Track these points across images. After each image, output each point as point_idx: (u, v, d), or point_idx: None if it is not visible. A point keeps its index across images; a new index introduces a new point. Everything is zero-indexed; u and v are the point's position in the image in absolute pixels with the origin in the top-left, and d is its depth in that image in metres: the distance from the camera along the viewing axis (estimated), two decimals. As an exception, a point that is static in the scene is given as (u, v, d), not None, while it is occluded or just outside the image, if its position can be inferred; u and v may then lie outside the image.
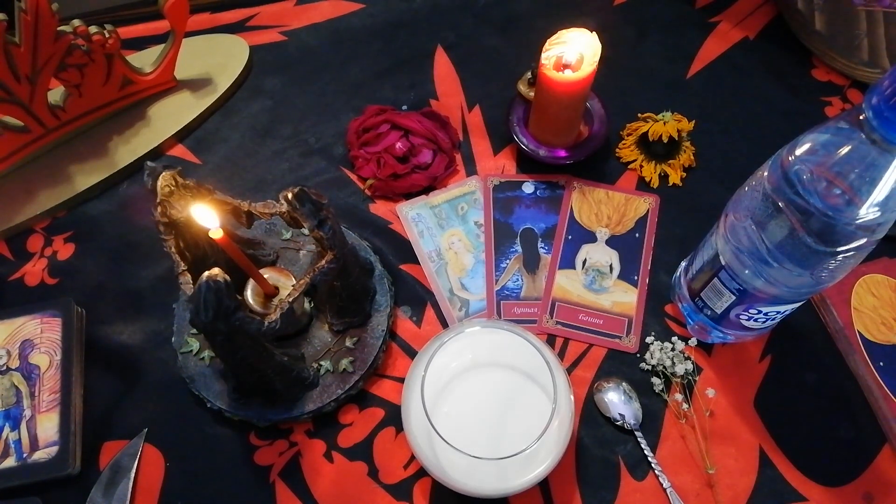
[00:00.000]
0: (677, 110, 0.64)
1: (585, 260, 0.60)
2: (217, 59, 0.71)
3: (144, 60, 0.66)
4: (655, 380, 0.53)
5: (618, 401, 0.53)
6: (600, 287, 0.59)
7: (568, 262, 0.60)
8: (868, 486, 0.50)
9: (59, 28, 0.56)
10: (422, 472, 0.51)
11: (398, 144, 0.62)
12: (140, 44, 0.73)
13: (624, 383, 0.54)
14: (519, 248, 0.61)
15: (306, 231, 0.46)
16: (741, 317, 0.49)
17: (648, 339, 0.55)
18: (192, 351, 0.54)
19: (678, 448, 0.52)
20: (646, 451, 0.51)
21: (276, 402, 0.52)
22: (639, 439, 0.52)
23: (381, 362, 0.55)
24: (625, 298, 0.58)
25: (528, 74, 0.65)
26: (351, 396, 0.53)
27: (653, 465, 0.51)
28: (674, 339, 0.55)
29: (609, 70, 0.61)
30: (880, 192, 0.36)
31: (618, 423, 0.53)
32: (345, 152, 0.66)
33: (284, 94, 0.70)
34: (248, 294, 0.50)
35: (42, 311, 0.56)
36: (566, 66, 0.56)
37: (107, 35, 0.59)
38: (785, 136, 0.41)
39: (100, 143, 0.66)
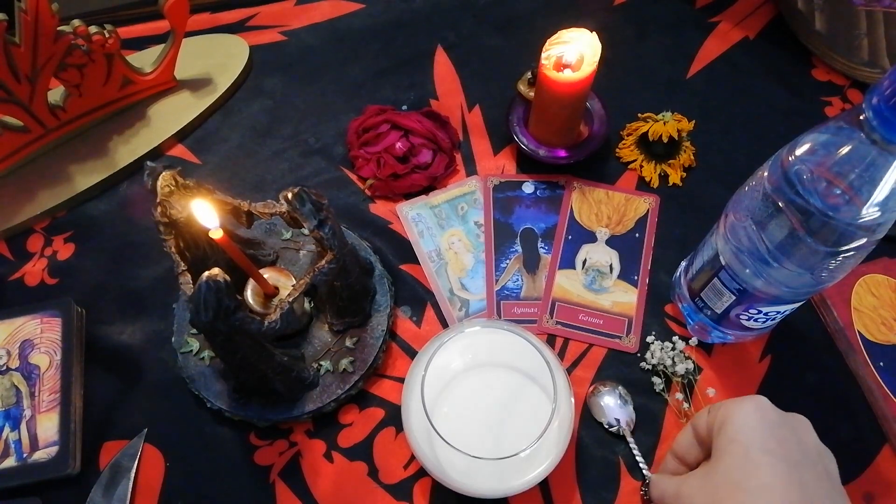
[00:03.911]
0: (677, 110, 0.64)
1: (585, 260, 0.60)
2: (217, 59, 0.71)
3: (144, 60, 0.66)
4: (656, 379, 0.53)
5: (614, 405, 0.53)
6: (600, 287, 0.59)
7: (568, 262, 0.60)
8: (868, 486, 0.50)
9: (59, 28, 0.56)
10: (422, 472, 0.51)
11: (398, 144, 0.62)
12: (140, 44, 0.73)
13: (620, 387, 0.54)
14: (519, 248, 0.61)
15: (306, 231, 0.46)
16: (741, 317, 0.49)
17: (649, 339, 0.55)
18: (192, 351, 0.54)
19: (678, 448, 0.52)
20: (637, 458, 0.51)
21: (276, 402, 0.52)
22: (631, 445, 0.51)
23: (381, 362, 0.55)
24: (625, 298, 0.58)
25: (528, 74, 0.65)
26: (351, 396, 0.53)
27: (644, 471, 0.50)
28: (674, 338, 0.55)
29: (609, 70, 0.61)
30: (880, 192, 0.36)
31: (612, 429, 0.52)
32: (345, 152, 0.66)
33: (284, 94, 0.70)
34: (248, 294, 0.50)
35: (42, 311, 0.56)
36: (566, 66, 0.56)
37: (107, 35, 0.59)
38: (785, 136, 0.41)
39: (100, 143, 0.66)
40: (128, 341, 0.57)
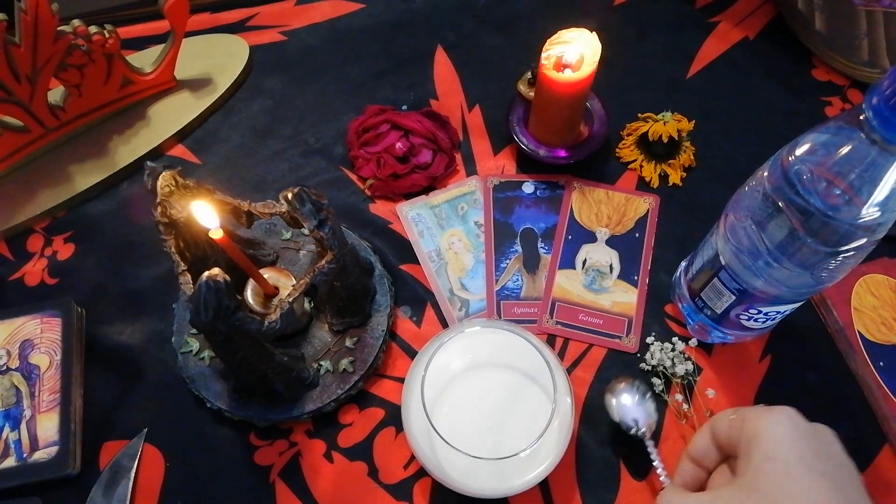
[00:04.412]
0: (677, 110, 0.64)
1: (585, 260, 0.60)
2: (217, 59, 0.71)
3: (144, 60, 0.66)
4: (656, 380, 0.53)
5: (632, 403, 0.50)
6: (600, 287, 0.59)
7: (568, 262, 0.60)
8: (868, 486, 0.50)
9: (59, 28, 0.56)
10: (422, 472, 0.51)
11: (398, 144, 0.62)
12: (140, 44, 0.73)
13: (637, 381, 0.51)
14: (519, 248, 0.61)
15: (306, 231, 0.46)
16: (741, 317, 0.49)
17: (649, 340, 0.55)
18: (192, 351, 0.54)
19: (678, 448, 0.52)
20: (655, 463, 0.47)
21: (276, 402, 0.52)
22: (649, 450, 0.48)
23: (381, 362, 0.55)
24: (625, 298, 0.58)
25: (528, 74, 0.65)
26: (351, 396, 0.53)
27: (662, 478, 0.47)
28: (674, 339, 0.55)
29: (609, 70, 0.61)
30: (880, 192, 0.36)
31: (632, 432, 0.49)
32: (345, 152, 0.66)
33: (284, 94, 0.70)
34: (248, 294, 0.50)
35: (42, 311, 0.56)
36: (566, 66, 0.56)
37: (107, 35, 0.59)
38: (785, 136, 0.41)
39: (100, 143, 0.66)
40: (128, 341, 0.57)
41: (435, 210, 0.63)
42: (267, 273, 0.51)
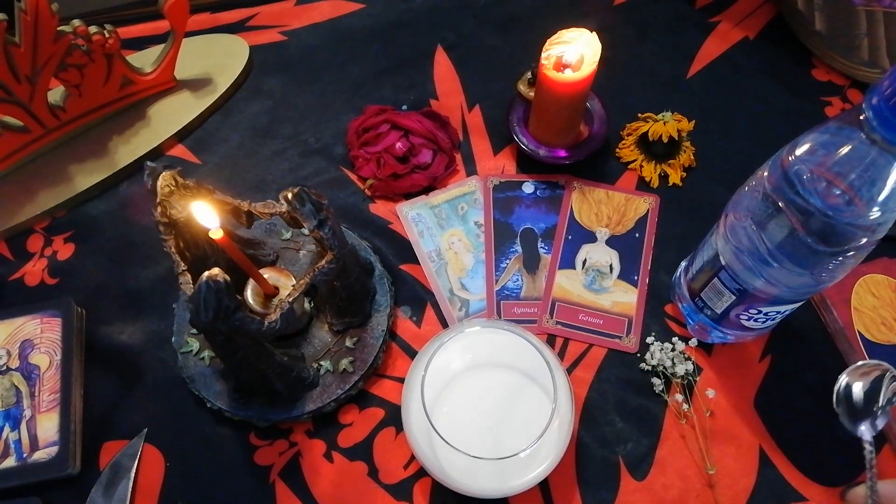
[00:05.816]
0: (677, 110, 0.64)
1: (585, 260, 0.60)
2: (217, 59, 0.71)
3: (144, 60, 0.66)
4: (656, 380, 0.53)
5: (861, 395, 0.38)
6: (600, 287, 0.59)
7: (568, 262, 0.60)
8: (868, 486, 0.50)
9: (59, 28, 0.56)
10: (422, 472, 0.51)
11: (398, 144, 0.62)
12: (140, 44, 0.73)
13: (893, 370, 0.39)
14: (519, 248, 0.61)
15: (306, 231, 0.46)
16: (741, 317, 0.49)
17: (649, 340, 0.55)
18: (192, 351, 0.54)
19: (678, 448, 0.52)
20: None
21: (276, 402, 0.52)
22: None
23: (381, 362, 0.55)
24: (625, 298, 0.58)
25: (528, 74, 0.65)
26: (351, 396, 0.53)
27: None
28: (674, 339, 0.55)
29: (609, 70, 0.61)
30: (880, 192, 0.36)
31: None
32: (345, 152, 0.66)
33: (284, 94, 0.70)
34: (248, 294, 0.50)
35: (42, 311, 0.56)
36: (566, 66, 0.56)
37: (107, 35, 0.59)
38: (785, 136, 0.41)
39: (100, 143, 0.66)
40: (128, 341, 0.57)
41: (435, 210, 0.63)
42: (267, 273, 0.51)
